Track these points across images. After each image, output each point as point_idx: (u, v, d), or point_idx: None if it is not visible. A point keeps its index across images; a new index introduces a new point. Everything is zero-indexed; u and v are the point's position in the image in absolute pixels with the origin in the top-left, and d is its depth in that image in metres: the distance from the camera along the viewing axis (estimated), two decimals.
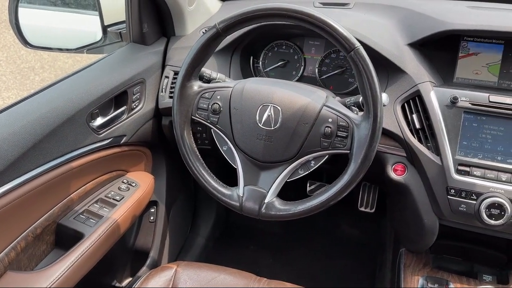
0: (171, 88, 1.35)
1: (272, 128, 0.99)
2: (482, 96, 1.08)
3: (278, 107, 0.99)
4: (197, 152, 1.05)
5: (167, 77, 1.37)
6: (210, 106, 1.03)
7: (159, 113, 1.40)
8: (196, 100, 1.04)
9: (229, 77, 1.25)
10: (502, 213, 1.01)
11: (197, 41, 0.99)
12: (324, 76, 1.37)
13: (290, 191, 1.12)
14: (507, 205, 1.01)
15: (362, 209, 1.90)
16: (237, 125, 1.01)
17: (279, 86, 1.03)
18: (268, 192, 1.01)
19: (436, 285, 1.13)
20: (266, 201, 1.01)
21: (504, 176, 1.04)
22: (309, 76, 1.39)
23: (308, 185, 1.86)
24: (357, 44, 0.89)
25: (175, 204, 1.69)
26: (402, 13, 1.28)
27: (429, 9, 1.24)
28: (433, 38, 1.16)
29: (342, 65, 1.34)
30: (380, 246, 1.83)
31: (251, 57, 1.41)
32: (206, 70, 1.13)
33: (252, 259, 1.93)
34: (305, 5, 0.92)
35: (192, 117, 1.05)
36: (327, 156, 1.01)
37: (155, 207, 1.56)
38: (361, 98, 0.99)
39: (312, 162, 1.02)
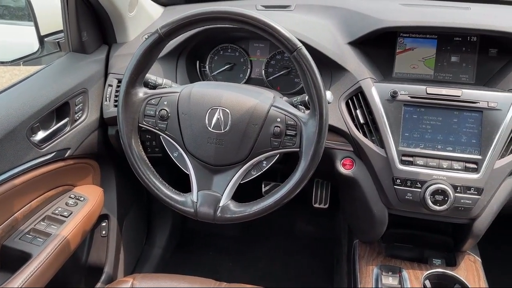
0: (116, 96, 1.31)
1: (222, 131, 0.99)
2: (420, 89, 1.14)
3: (227, 110, 0.99)
4: (147, 160, 1.03)
5: (110, 85, 1.33)
6: (157, 113, 1.01)
7: (105, 123, 1.35)
8: (142, 107, 1.02)
9: (176, 83, 1.23)
10: (446, 198, 1.07)
11: (139, 47, 0.97)
12: (271, 78, 1.38)
13: (246, 193, 1.12)
14: (449, 190, 1.07)
15: (317, 205, 1.94)
16: (186, 130, 1.00)
17: (227, 89, 1.03)
18: (222, 195, 1.01)
19: (390, 273, 1.17)
20: (220, 204, 1.00)
21: (445, 164, 1.10)
22: (256, 78, 1.41)
23: (263, 186, 1.87)
24: (299, 44, 0.91)
25: (128, 216, 1.64)
26: (341, 13, 1.32)
27: (366, 8, 1.29)
28: (371, 36, 1.21)
29: (288, 66, 1.37)
30: (336, 240, 1.88)
31: (197, 62, 1.41)
32: (151, 76, 1.11)
33: (211, 265, 1.92)
34: (248, 8, 0.93)
35: (139, 124, 1.02)
36: (278, 156, 1.02)
37: (106, 220, 1.50)
38: (307, 97, 1.01)
39: (264, 162, 1.03)
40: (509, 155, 1.08)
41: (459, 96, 1.11)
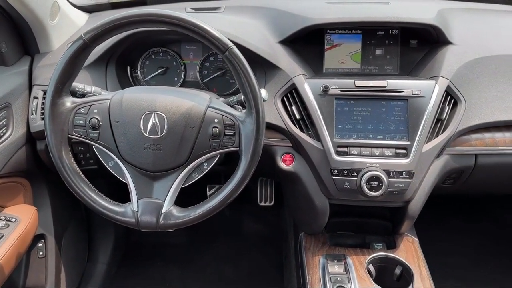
0: (42, 109, 1.24)
1: (159, 136, 0.97)
2: (349, 82, 1.18)
3: (162, 114, 0.97)
4: (80, 173, 0.99)
5: (36, 97, 1.25)
6: (87, 122, 0.97)
7: (32, 138, 1.28)
8: (70, 118, 0.97)
9: (107, 90, 1.19)
10: (380, 184, 1.12)
11: (63, 55, 0.93)
12: (206, 80, 1.38)
13: (190, 198, 1.11)
14: (383, 176, 1.12)
15: (262, 203, 1.96)
16: (120, 137, 0.97)
17: (161, 92, 1.01)
18: (164, 201, 0.99)
19: (335, 261, 1.21)
20: (163, 211, 0.98)
21: (377, 151, 1.16)
22: (192, 81, 1.39)
23: (207, 190, 1.86)
24: (230, 44, 0.91)
25: (67, 234, 1.56)
26: (270, 13, 1.35)
27: (294, 7, 1.33)
28: (300, 34, 1.25)
29: (222, 67, 1.37)
30: (283, 236, 1.91)
31: (128, 67, 1.37)
32: (78, 85, 1.06)
33: (160, 275, 1.87)
34: (177, 11, 0.92)
35: (69, 136, 0.97)
36: (219, 156, 1.02)
37: (43, 240, 1.42)
38: (243, 96, 1.02)
39: (205, 164, 1.02)
40: (435, 139, 1.16)
41: (385, 87, 1.17)
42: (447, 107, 1.17)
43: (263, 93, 1.01)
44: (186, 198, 1.10)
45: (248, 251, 1.98)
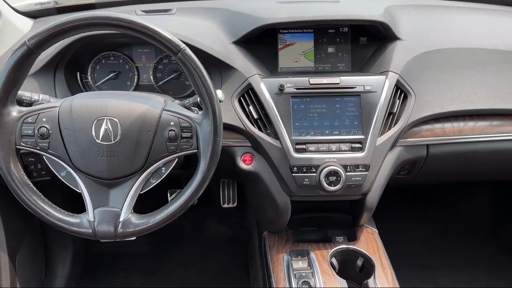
0: None
1: (113, 142, 0.94)
2: (303, 80, 1.20)
3: (115, 119, 0.94)
4: (31, 185, 0.94)
5: None
6: (36, 131, 0.93)
7: None
8: (17, 127, 0.93)
9: (56, 98, 1.14)
10: (338, 178, 1.15)
11: (6, 62, 0.88)
12: (160, 82, 1.35)
13: (153, 204, 1.09)
14: (341, 171, 1.15)
15: (225, 205, 1.95)
16: (72, 146, 0.94)
17: (112, 97, 0.98)
18: (121, 209, 0.96)
19: (299, 257, 1.22)
20: (121, 219, 0.96)
21: (333, 146, 1.18)
22: (146, 84, 1.37)
23: (169, 194, 1.83)
24: (182, 45, 0.90)
25: (21, 249, 1.49)
26: (223, 13, 1.35)
27: (246, 7, 1.33)
28: (253, 34, 1.25)
29: (177, 69, 1.35)
30: (247, 236, 1.91)
31: (78, 73, 1.32)
32: (25, 93, 1.01)
33: (123, 286, 1.82)
34: (127, 14, 0.90)
35: (17, 146, 0.93)
36: (177, 160, 1.01)
37: None
38: (199, 98, 1.01)
39: (163, 168, 1.01)
40: (387, 131, 1.19)
41: (338, 83, 1.20)
42: (398, 101, 1.21)
43: (219, 93, 1.01)
44: (148, 204, 1.08)
45: (213, 254, 1.96)
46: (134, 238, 0.98)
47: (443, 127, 1.26)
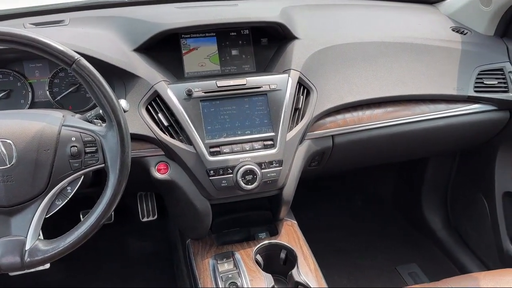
0: None
1: (8, 166, 0.87)
2: (211, 84, 1.21)
3: (8, 141, 0.87)
4: None
5: None
6: None
7: None
8: None
9: None
10: (255, 176, 1.17)
11: None
12: (58, 98, 1.27)
13: (66, 229, 1.01)
14: (256, 169, 1.17)
15: (145, 219, 1.90)
16: None
17: (3, 117, 0.90)
18: (26, 237, 0.89)
19: (224, 260, 1.22)
20: (27, 248, 0.88)
21: (247, 146, 1.20)
22: (42, 101, 1.27)
23: (81, 217, 1.73)
24: (77, 56, 0.86)
25: None
26: (120, 21, 1.31)
27: (144, 14, 1.30)
28: (153, 40, 1.23)
29: (75, 82, 1.28)
30: (172, 247, 1.87)
31: None
32: None
33: None
34: (15, 27, 0.84)
35: None
36: (83, 178, 0.95)
37: None
38: (101, 110, 0.96)
39: (69, 188, 0.95)
40: (295, 126, 1.25)
41: (245, 84, 1.23)
42: (302, 97, 1.27)
43: (123, 103, 0.97)
44: (63, 229, 1.00)
45: (138, 271, 1.89)
46: (47, 266, 0.91)
47: (344, 117, 1.35)
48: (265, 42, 1.39)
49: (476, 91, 1.46)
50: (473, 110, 1.48)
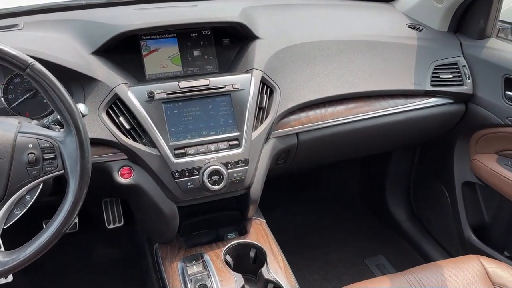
0: None
1: None
2: (173, 85, 1.20)
3: None
4: None
5: None
6: None
7: None
8: None
9: None
10: (221, 177, 1.17)
11: None
12: (14, 104, 1.22)
13: (28, 238, 0.97)
14: (222, 169, 1.17)
15: (111, 226, 1.85)
16: None
17: None
18: None
19: (193, 262, 1.21)
20: None
21: (212, 147, 1.20)
22: None
23: (44, 226, 1.67)
24: (30, 60, 0.83)
25: None
26: (77, 24, 1.28)
27: (101, 16, 1.28)
28: (112, 42, 1.21)
29: (31, 87, 1.23)
30: (140, 252, 1.83)
31: None
32: None
33: None
34: None
35: None
36: (42, 185, 0.92)
37: None
38: (59, 115, 0.94)
39: (28, 196, 0.91)
40: (260, 125, 1.25)
41: (208, 85, 1.22)
42: (266, 96, 1.28)
43: (82, 107, 0.95)
44: (26, 240, 0.96)
45: (106, 279, 1.84)
46: (10, 279, 0.87)
47: (308, 115, 1.37)
48: (227, 42, 1.39)
49: (432, 85, 1.52)
50: (430, 104, 1.53)
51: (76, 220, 1.61)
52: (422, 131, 1.66)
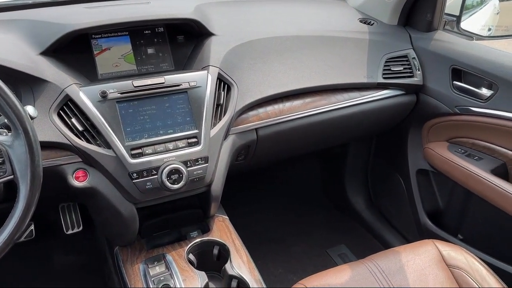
0: None
1: None
2: (126, 84, 1.17)
3: None
4: None
5: None
6: None
7: None
8: None
9: None
10: (181, 175, 1.15)
11: None
12: None
13: None
14: (182, 168, 1.16)
15: (70, 231, 1.79)
16: None
17: None
18: None
19: (155, 263, 1.20)
20: None
21: (170, 145, 1.18)
22: None
23: None
24: None
25: None
26: (23, 25, 1.23)
27: (49, 15, 1.23)
28: (61, 42, 1.16)
29: None
30: (101, 257, 1.79)
31: None
32: None
33: None
34: None
35: None
36: None
37: None
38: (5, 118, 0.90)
39: None
40: (219, 122, 1.25)
41: (164, 83, 1.20)
42: (223, 92, 1.27)
43: (30, 110, 0.91)
44: None
45: (67, 286, 1.78)
46: None
47: (266, 110, 1.38)
48: (182, 39, 1.37)
49: (384, 78, 1.57)
50: (383, 96, 1.59)
51: (32, 227, 1.55)
52: (376, 122, 1.72)
